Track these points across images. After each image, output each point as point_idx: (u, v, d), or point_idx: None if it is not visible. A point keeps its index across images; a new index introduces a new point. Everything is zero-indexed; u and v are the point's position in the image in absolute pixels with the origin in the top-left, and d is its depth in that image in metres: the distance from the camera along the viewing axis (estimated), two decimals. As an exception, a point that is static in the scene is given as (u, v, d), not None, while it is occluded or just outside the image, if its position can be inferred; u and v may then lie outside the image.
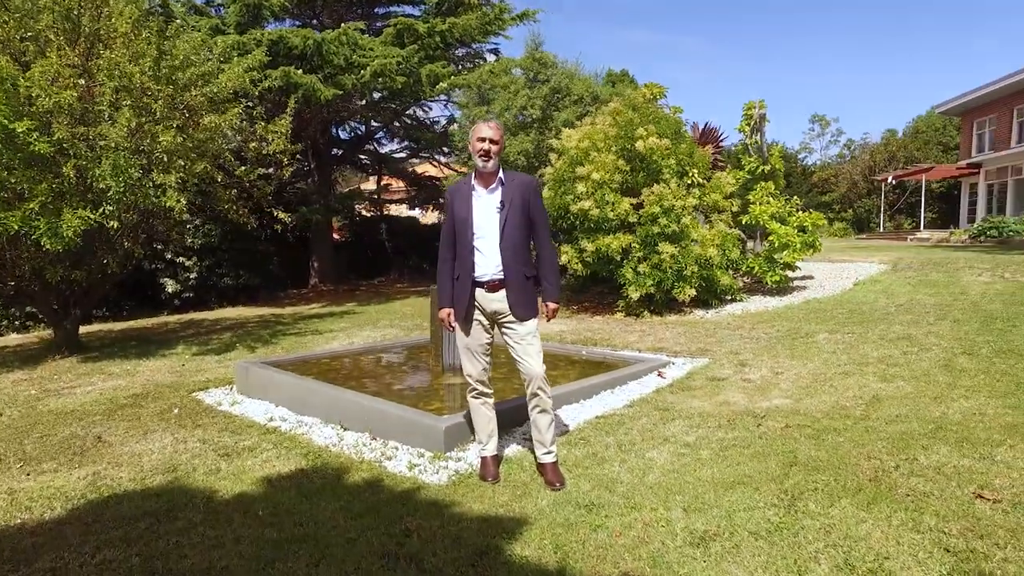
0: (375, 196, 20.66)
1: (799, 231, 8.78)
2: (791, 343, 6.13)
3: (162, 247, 11.87)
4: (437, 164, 19.80)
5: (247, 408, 4.78)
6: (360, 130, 18.93)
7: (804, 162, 33.70)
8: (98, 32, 7.15)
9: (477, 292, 3.15)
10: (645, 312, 8.70)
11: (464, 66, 16.23)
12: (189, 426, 4.34)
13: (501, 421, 3.51)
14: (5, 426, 4.55)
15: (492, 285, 3.11)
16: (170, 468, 3.50)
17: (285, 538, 2.62)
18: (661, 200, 8.32)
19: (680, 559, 2.37)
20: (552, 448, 3.20)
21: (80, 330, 8.69)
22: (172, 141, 6.66)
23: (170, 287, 12.93)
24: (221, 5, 13.91)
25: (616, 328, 7.91)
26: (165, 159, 6.83)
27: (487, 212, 3.09)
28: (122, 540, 2.66)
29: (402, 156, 19.53)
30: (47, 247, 6.16)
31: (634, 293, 8.35)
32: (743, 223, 9.26)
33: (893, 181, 24.90)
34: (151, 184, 6.72)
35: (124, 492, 3.20)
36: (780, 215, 9.01)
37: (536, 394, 3.14)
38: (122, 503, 3.06)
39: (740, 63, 76.72)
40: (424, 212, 25.63)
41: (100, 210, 6.58)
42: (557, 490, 3.02)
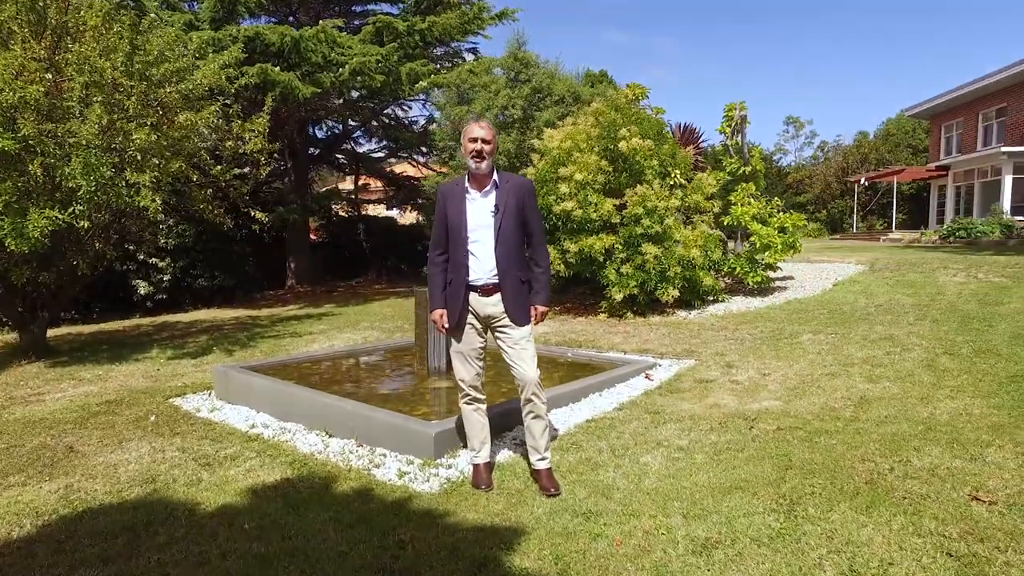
0: (353, 196, 20.41)
1: (779, 232, 8.85)
2: (776, 344, 6.16)
3: (134, 248, 11.54)
4: (415, 164, 19.64)
5: (227, 414, 4.63)
6: (337, 129, 18.68)
7: (779, 163, 34.22)
8: (66, 25, 6.90)
9: (471, 296, 3.07)
10: (628, 313, 8.69)
11: (443, 65, 16.10)
12: (167, 434, 4.18)
13: (491, 426, 3.44)
14: (-31, 436, 4.34)
15: (487, 289, 3.04)
16: (148, 479, 3.36)
17: (274, 553, 2.51)
18: (644, 201, 8.31)
19: (684, 568, 2.32)
20: (546, 454, 3.14)
21: (48, 333, 8.40)
22: (146, 139, 6.45)
23: (142, 289, 12.58)
24: (194, 0, 13.59)
25: (600, 329, 7.88)
26: (139, 157, 6.61)
27: (481, 215, 3.01)
28: (99, 558, 2.53)
29: (380, 156, 19.32)
30: (12, 248, 5.92)
31: (617, 294, 8.33)
32: (725, 224, 9.31)
33: (865, 182, 25.38)
34: (124, 183, 6.49)
35: (100, 506, 3.05)
36: (761, 216, 9.08)
37: (530, 399, 3.07)
38: (98, 518, 2.91)
39: (712, 65, 77.65)
40: (402, 212, 25.44)
41: (70, 210, 6.34)
42: (552, 497, 2.96)
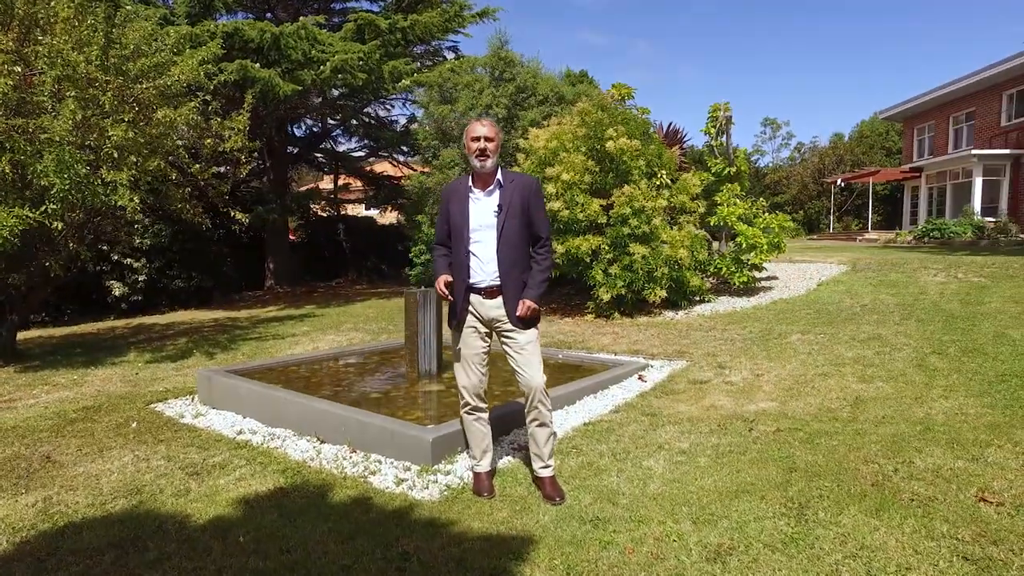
0: (333, 196, 20.14)
1: (764, 232, 8.90)
2: (766, 344, 6.17)
3: (108, 248, 11.20)
4: (396, 163, 19.45)
5: (212, 420, 4.48)
6: (316, 128, 18.41)
7: (756, 164, 34.64)
8: (35, 16, 6.64)
9: (473, 298, 2.98)
10: (615, 314, 8.66)
11: (424, 64, 15.96)
12: (150, 442, 4.01)
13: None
14: (-62, 446, 4.13)
15: (490, 291, 2.95)
16: (133, 490, 3.21)
17: (272, 568, 2.39)
18: (632, 201, 8.29)
19: (699, 577, 2.27)
20: (550, 462, 3.06)
21: (17, 336, 8.10)
22: (123, 136, 6.24)
23: (117, 290, 12.23)
24: (169, -6, 13.27)
25: (588, 330, 7.84)
26: (115, 155, 6.39)
27: (485, 215, 2.92)
28: (85, 576, 2.39)
29: (360, 155, 19.09)
30: (-20, 248, 5.68)
31: (605, 295, 8.30)
32: (711, 224, 9.34)
33: (842, 183, 25.80)
34: (100, 182, 6.27)
35: (82, 520, 2.90)
36: (747, 217, 9.13)
37: (536, 407, 2.99)
38: (81, 533, 2.77)
39: (687, 67, 78.37)
40: (382, 212, 25.17)
41: (42, 208, 6.10)
42: (557, 504, 2.88)
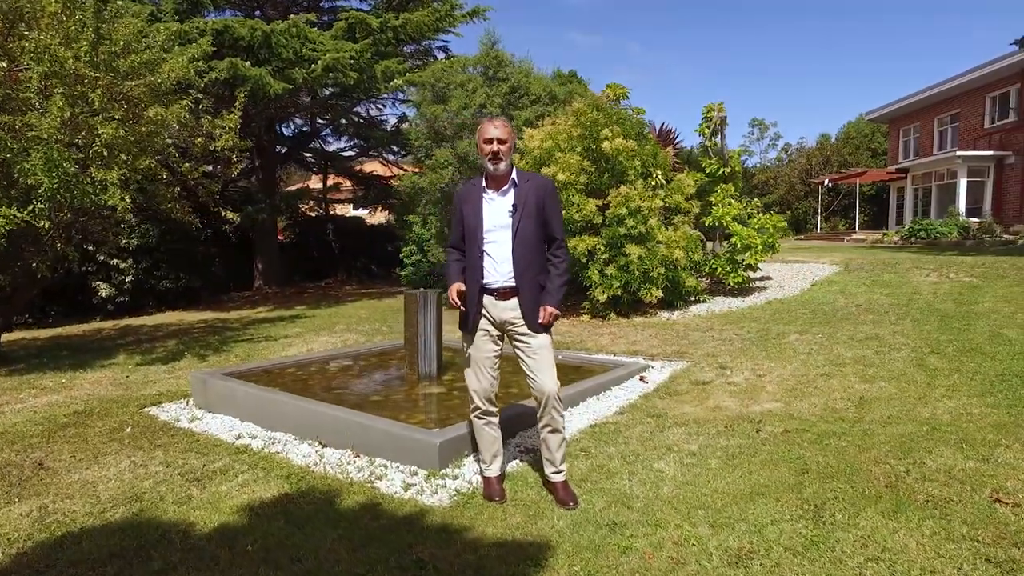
0: (322, 195, 19.97)
1: (758, 232, 8.93)
2: (765, 344, 6.17)
3: (94, 248, 11.00)
4: (386, 163, 19.32)
5: (209, 424, 4.38)
6: (305, 127, 18.23)
7: (744, 165, 34.82)
8: (20, 10, 6.48)
9: (487, 300, 2.92)
10: (611, 314, 8.64)
11: (414, 64, 15.86)
12: (147, 447, 3.91)
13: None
14: (-76, 453, 4.00)
15: (503, 293, 2.89)
16: (133, 498, 3.12)
17: (283, 578, 2.33)
18: (628, 201, 8.27)
19: (723, 582, 2.23)
20: (562, 467, 3.01)
21: (0, 338, 7.91)
22: (114, 134, 6.10)
23: (103, 291, 12.01)
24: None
25: (585, 331, 7.81)
26: (105, 153, 6.25)
27: (499, 216, 2.87)
28: (87, 589, 2.31)
29: (350, 154, 18.93)
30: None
31: (601, 295, 8.27)
32: (706, 224, 9.35)
33: (829, 184, 26.03)
34: (90, 180, 6.13)
35: (81, 529, 2.80)
36: (741, 217, 9.15)
37: (549, 412, 2.93)
38: (80, 542, 2.67)
39: (676, 68, 78.79)
40: (372, 212, 25.01)
41: (29, 208, 5.96)
42: (571, 509, 2.83)
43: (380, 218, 24.73)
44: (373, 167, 20.64)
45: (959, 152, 19.77)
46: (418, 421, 4.10)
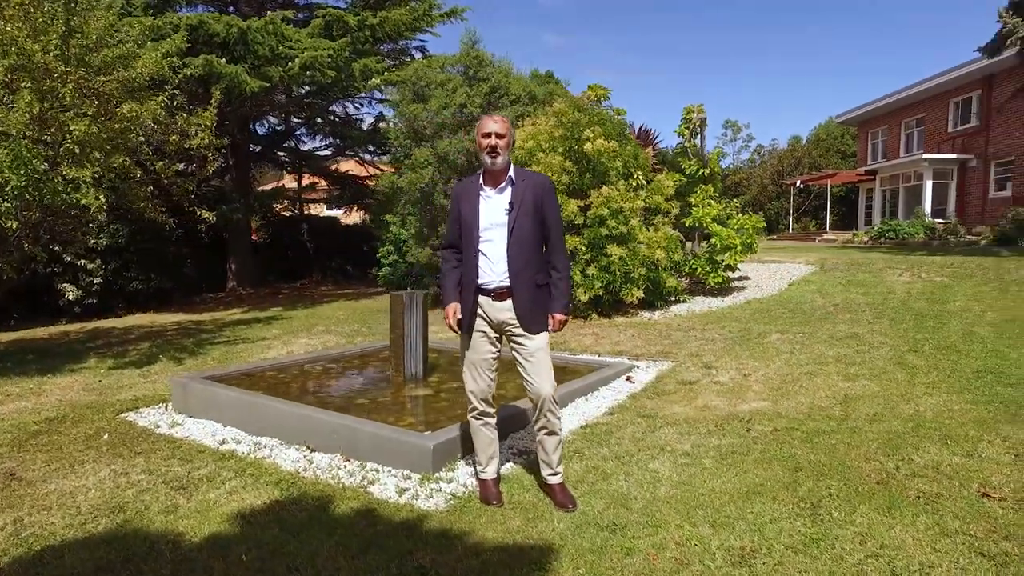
0: (298, 195, 19.67)
1: (737, 233, 9.04)
2: (748, 344, 6.24)
3: (60, 249, 10.65)
4: (362, 162, 19.12)
5: (191, 430, 4.26)
6: (280, 126, 17.94)
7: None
8: (-17, 2, 6.24)
9: (483, 301, 2.88)
10: (593, 314, 8.66)
11: (390, 63, 15.72)
12: (126, 454, 3.79)
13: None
14: None
15: (499, 293, 2.86)
16: (116, 508, 3.01)
17: (281, 588, 2.26)
18: (609, 202, 8.30)
19: (728, 582, 2.23)
20: (559, 469, 2.99)
21: (-35, 344, 7.62)
22: (86, 131, 5.91)
23: (70, 293, 11.63)
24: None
25: (568, 331, 7.81)
26: (77, 151, 6.05)
27: (495, 213, 2.83)
28: (74, 604, 2.21)
29: (326, 154, 18.68)
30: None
31: (582, 295, 8.29)
32: (686, 225, 9.44)
33: (801, 185, 26.54)
34: (61, 178, 5.93)
35: (62, 543, 2.69)
36: (720, 217, 9.25)
37: (545, 415, 2.91)
38: (62, 556, 2.57)
39: (649, 69, 79.53)
40: (347, 212, 24.72)
41: (-5, 207, 5.75)
42: (570, 511, 2.82)
43: (355, 218, 24.46)
44: (349, 167, 20.41)
45: (925, 155, 20.32)
46: (408, 424, 4.04)
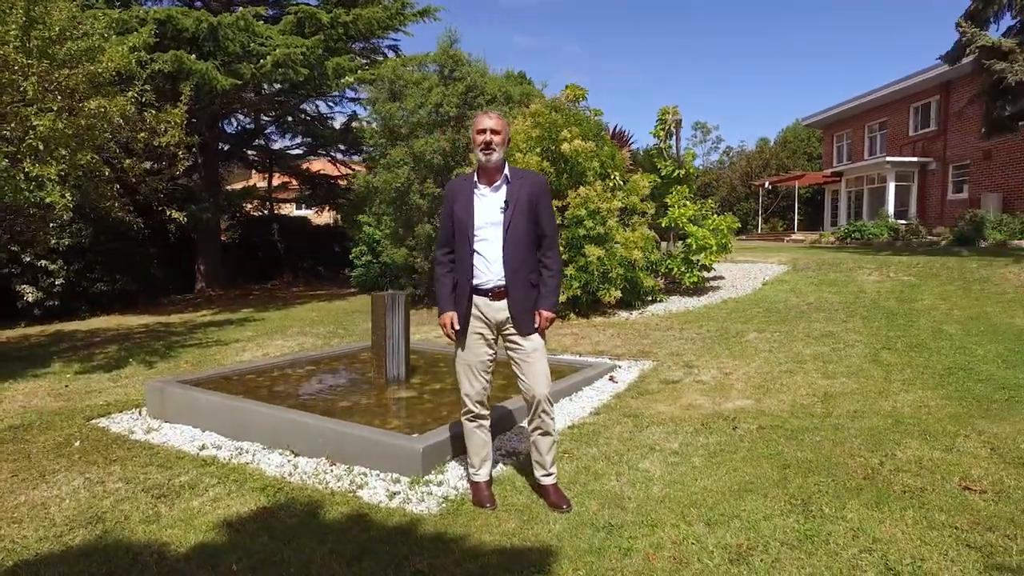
0: (268, 195, 19.31)
1: (713, 233, 9.16)
2: (727, 343, 6.32)
3: (19, 249, 10.27)
4: (334, 162, 18.86)
5: (168, 435, 4.13)
6: (249, 124, 17.58)
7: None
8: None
9: (480, 301, 2.85)
10: (571, 314, 8.69)
11: (362, 62, 15.54)
12: (101, 462, 3.65)
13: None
14: None
15: (497, 292, 2.83)
16: (93, 519, 2.89)
17: (276, 598, 2.20)
18: (587, 203, 8.33)
19: (727, 580, 2.25)
20: (552, 469, 2.98)
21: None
22: (51, 127, 5.69)
23: (29, 295, 11.21)
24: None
25: (547, 331, 7.80)
26: (41, 147, 5.82)
27: (490, 212, 2.80)
28: (56, 620, 2.12)
29: (297, 153, 18.38)
30: None
31: (561, 296, 8.30)
32: (662, 225, 9.53)
33: (769, 186, 27.07)
34: (23, 176, 5.70)
35: (37, 557, 2.58)
36: (695, 218, 9.37)
37: (539, 416, 2.89)
38: (38, 571, 2.45)
39: (618, 70, 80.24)
40: (318, 212, 24.37)
41: (-47, 206, 5.50)
42: (565, 512, 2.80)
43: (327, 218, 24.13)
44: (320, 166, 20.12)
45: (888, 158, 20.91)
46: (394, 427, 3.99)
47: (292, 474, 3.39)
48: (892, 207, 20.74)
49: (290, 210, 25.13)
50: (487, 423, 3.04)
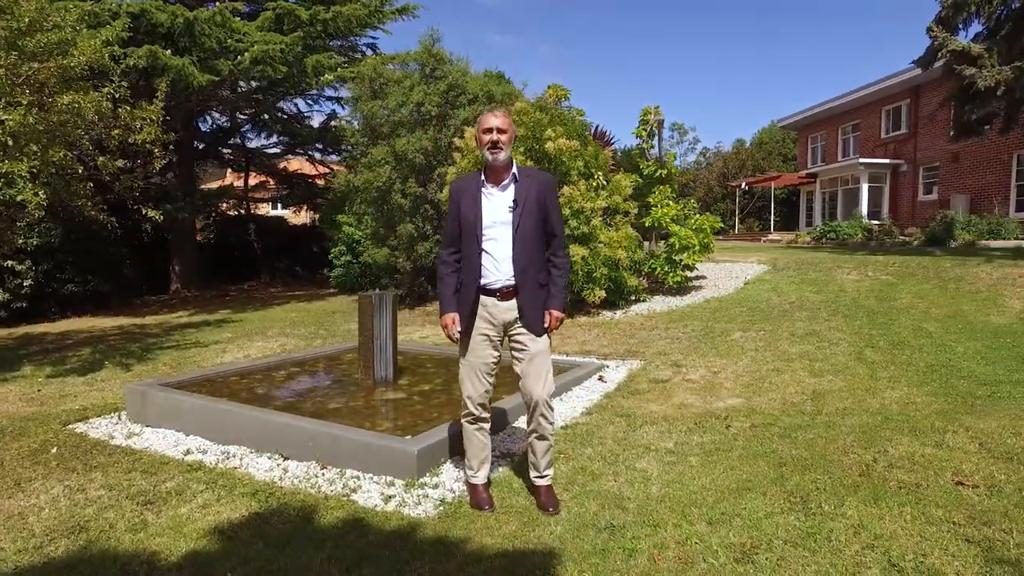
0: (245, 194, 18.98)
1: (696, 232, 9.21)
2: (713, 342, 6.35)
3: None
4: (312, 161, 18.62)
5: (150, 440, 4.01)
6: (224, 122, 17.26)
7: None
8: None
9: (488, 301, 2.80)
10: (556, 314, 8.66)
11: (341, 60, 15.36)
12: (81, 469, 3.52)
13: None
14: None
15: (505, 292, 2.78)
16: (76, 528, 2.78)
17: (275, 607, 2.13)
18: (571, 202, 8.32)
19: (734, 580, 2.23)
20: (547, 472, 2.94)
21: None
22: (21, 121, 5.50)
23: (-4, 297, 10.86)
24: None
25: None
26: (10, 143, 5.63)
27: (499, 211, 2.76)
28: (42, 636, 2.02)
29: (275, 151, 18.10)
30: None
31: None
32: (645, 225, 9.56)
33: (746, 187, 27.41)
34: (-7, 172, 5.51)
35: (16, 569, 2.47)
36: (678, 218, 9.42)
37: (538, 419, 2.85)
38: (21, 583, 2.35)
39: (594, 71, 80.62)
40: (295, 212, 24.05)
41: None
42: (552, 515, 2.77)
43: (304, 218, 23.82)
44: (298, 165, 19.85)
45: (861, 159, 21.31)
46: (384, 429, 3.92)
47: (282, 478, 3.31)
48: (865, 208, 21.14)
49: (267, 210, 24.77)
50: (487, 426, 2.99)
